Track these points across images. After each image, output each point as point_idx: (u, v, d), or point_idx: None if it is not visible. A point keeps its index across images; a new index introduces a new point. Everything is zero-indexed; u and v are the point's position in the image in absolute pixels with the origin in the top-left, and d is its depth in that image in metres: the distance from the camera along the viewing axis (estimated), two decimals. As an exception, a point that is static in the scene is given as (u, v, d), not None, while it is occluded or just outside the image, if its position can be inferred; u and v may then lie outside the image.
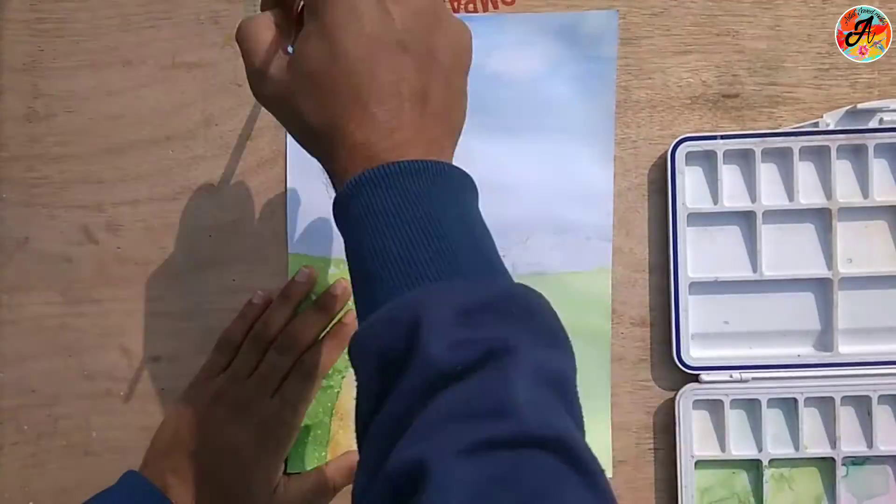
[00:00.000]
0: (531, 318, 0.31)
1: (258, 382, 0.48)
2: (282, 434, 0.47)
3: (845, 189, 0.49)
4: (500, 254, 0.49)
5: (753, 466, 0.50)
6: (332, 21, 0.34)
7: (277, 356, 0.48)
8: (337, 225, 0.35)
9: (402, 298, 0.30)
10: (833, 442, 0.49)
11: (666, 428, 0.50)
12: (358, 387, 0.31)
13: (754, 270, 0.49)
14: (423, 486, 0.25)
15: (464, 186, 0.35)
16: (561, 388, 0.29)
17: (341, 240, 0.49)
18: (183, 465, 0.47)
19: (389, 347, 0.30)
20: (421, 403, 0.28)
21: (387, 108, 0.34)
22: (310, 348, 0.49)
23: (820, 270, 0.49)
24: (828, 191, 0.49)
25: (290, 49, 0.37)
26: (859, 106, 0.49)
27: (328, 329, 0.50)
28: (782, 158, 0.49)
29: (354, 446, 0.50)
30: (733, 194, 0.50)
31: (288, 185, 0.50)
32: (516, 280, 0.33)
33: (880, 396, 0.49)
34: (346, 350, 0.50)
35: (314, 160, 0.50)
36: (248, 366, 0.48)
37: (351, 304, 0.50)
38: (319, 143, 0.36)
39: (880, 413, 0.49)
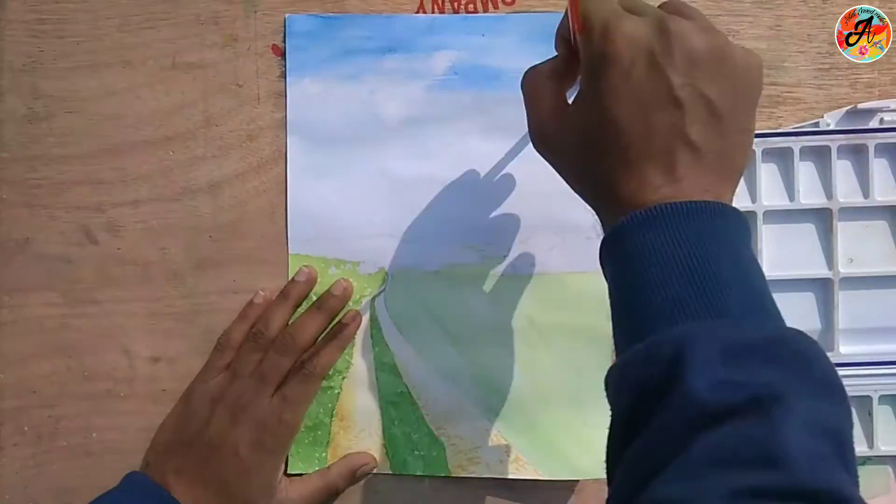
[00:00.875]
0: (803, 364, 0.29)
1: (258, 382, 0.48)
2: (282, 434, 0.47)
3: (846, 189, 0.49)
4: (501, 254, 0.50)
5: (754, 467, 0.50)
6: (606, 85, 0.33)
7: (277, 356, 0.48)
8: (603, 268, 0.35)
9: (666, 333, 0.30)
10: (834, 442, 0.49)
11: (666, 428, 0.50)
12: (612, 418, 0.31)
13: (755, 270, 0.49)
14: None
15: (738, 226, 0.34)
16: (835, 440, 0.28)
17: (341, 240, 0.50)
18: (183, 466, 0.47)
19: (649, 380, 0.29)
20: (680, 441, 0.27)
21: (655, 166, 0.33)
22: (310, 348, 0.49)
23: (820, 270, 0.49)
24: (828, 191, 0.49)
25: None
26: (860, 106, 0.49)
27: (328, 329, 0.50)
28: (782, 158, 0.49)
29: (354, 447, 0.50)
30: (734, 194, 0.50)
31: (288, 185, 0.50)
32: (517, 279, 0.33)
33: (881, 397, 0.49)
34: (345, 350, 0.50)
35: (314, 160, 0.50)
36: (248, 366, 0.48)
37: (351, 304, 0.50)
38: (589, 195, 0.36)
39: (881, 413, 0.49)
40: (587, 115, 0.35)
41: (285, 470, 0.49)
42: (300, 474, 0.50)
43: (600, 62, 0.34)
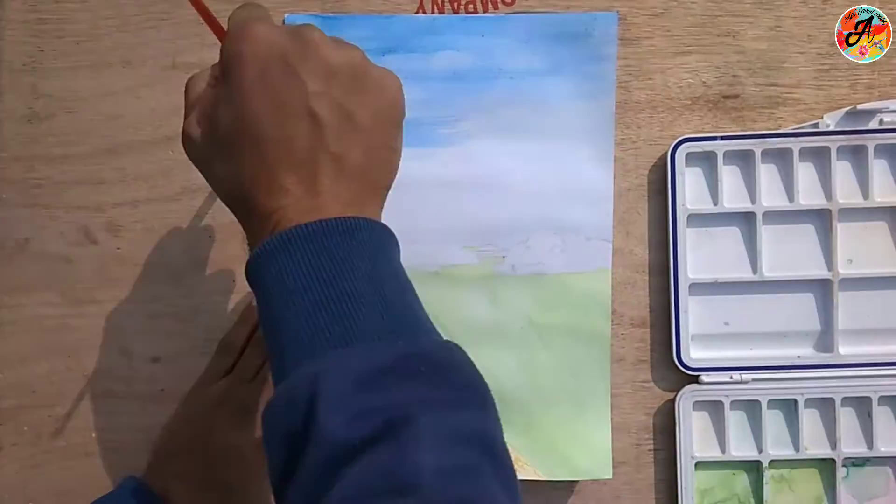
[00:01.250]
0: (441, 376, 0.29)
1: (261, 386, 0.47)
2: None
3: (845, 190, 0.49)
4: (501, 255, 0.50)
5: (754, 468, 0.50)
6: (241, 86, 0.33)
7: (252, 350, 0.48)
8: (252, 288, 0.34)
9: (302, 371, 0.29)
10: (833, 443, 0.49)
11: (666, 429, 0.50)
12: (267, 461, 0.30)
13: (754, 271, 0.49)
14: None
15: (379, 241, 0.33)
16: (479, 445, 0.28)
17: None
18: (186, 470, 0.46)
19: (292, 425, 0.28)
20: (325, 484, 0.27)
21: (296, 176, 0.33)
22: None
23: (820, 271, 0.49)
24: (828, 192, 0.49)
25: None
26: (859, 107, 0.49)
27: None
28: (782, 159, 0.49)
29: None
30: (733, 195, 0.50)
31: (288, 186, 0.50)
32: (516, 279, 0.33)
33: (881, 398, 0.49)
34: None
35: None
36: (251, 370, 0.48)
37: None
38: (234, 209, 0.35)
39: (880, 414, 0.49)
40: (224, 118, 0.33)
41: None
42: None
43: (235, 61, 0.33)
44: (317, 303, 0.30)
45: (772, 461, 0.49)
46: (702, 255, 0.50)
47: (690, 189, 0.49)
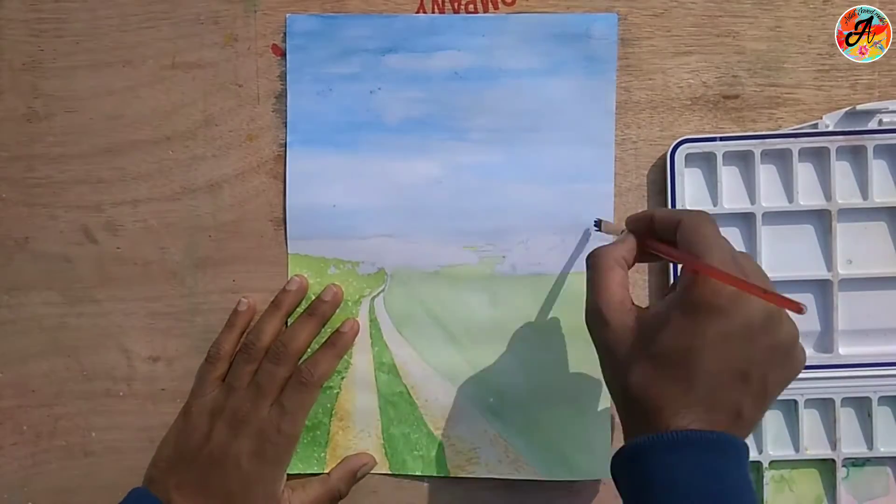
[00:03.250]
0: None
1: (255, 393, 0.48)
2: (282, 444, 0.47)
3: (845, 190, 0.49)
4: (501, 255, 0.50)
5: (754, 468, 0.50)
6: (704, 332, 0.35)
7: (272, 366, 0.48)
8: (615, 480, 0.37)
9: None
10: (833, 443, 0.49)
11: (665, 429, 0.50)
12: None
13: (754, 271, 0.49)
14: None
15: (747, 458, 0.36)
16: None
17: (341, 240, 0.50)
18: (186, 481, 0.47)
19: None
20: None
21: (703, 415, 0.35)
22: (308, 357, 0.49)
23: (819, 272, 0.49)
24: (827, 192, 0.49)
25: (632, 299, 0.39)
26: (858, 107, 0.49)
27: (327, 338, 0.50)
28: (781, 160, 0.49)
29: (353, 447, 0.50)
30: (733, 196, 0.50)
31: (288, 185, 0.50)
32: (516, 279, 0.33)
33: (880, 398, 0.49)
34: (343, 354, 0.50)
35: (314, 160, 0.50)
36: (243, 377, 0.48)
37: (351, 304, 0.50)
38: (629, 406, 0.37)
39: (880, 414, 0.49)
40: (672, 340, 0.36)
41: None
42: (299, 474, 0.50)
43: (708, 308, 0.35)
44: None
45: (772, 461, 0.49)
46: (702, 256, 0.50)
47: (690, 190, 0.49)
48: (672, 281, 0.48)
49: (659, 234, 0.40)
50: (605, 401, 0.50)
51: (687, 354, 0.36)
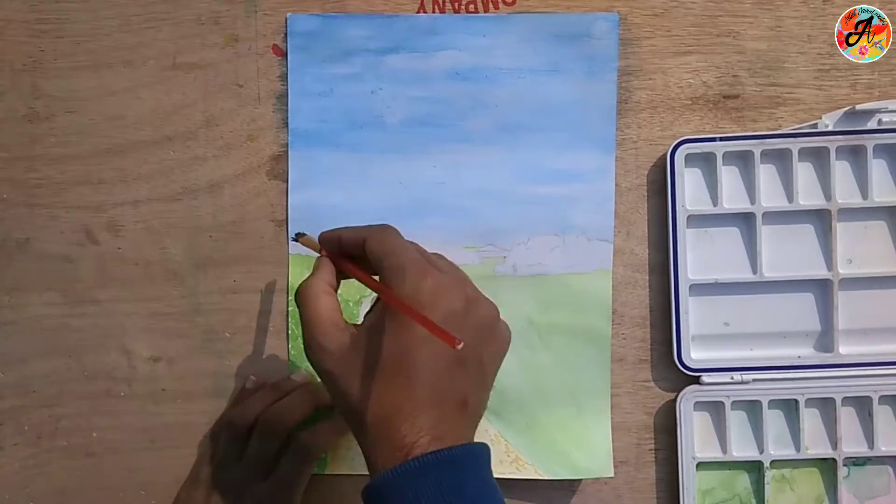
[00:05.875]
0: None
1: (248, 468, 0.47)
2: None
3: (844, 190, 0.49)
4: (502, 255, 0.50)
5: (755, 468, 0.50)
6: (414, 329, 0.36)
7: (261, 441, 0.47)
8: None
9: None
10: (834, 443, 0.49)
11: (666, 429, 0.50)
12: None
13: (754, 272, 0.49)
14: None
15: (484, 461, 0.37)
16: None
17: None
18: None
19: None
20: None
21: (435, 413, 0.36)
22: (306, 428, 0.48)
23: (820, 271, 0.49)
24: (827, 192, 0.49)
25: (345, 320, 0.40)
26: (858, 107, 0.49)
27: (331, 416, 0.49)
28: (781, 160, 0.49)
29: (355, 448, 0.50)
30: (733, 196, 0.50)
31: (288, 186, 0.50)
32: (517, 279, 0.34)
33: (881, 397, 0.49)
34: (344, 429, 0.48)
35: (315, 160, 0.50)
36: (264, 464, 0.47)
37: (352, 304, 0.50)
38: (363, 429, 0.37)
39: (881, 414, 0.49)
40: (386, 347, 0.37)
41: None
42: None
43: (411, 303, 0.36)
44: None
45: (773, 461, 0.49)
46: (702, 256, 0.50)
47: (690, 190, 0.50)
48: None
49: (350, 252, 0.41)
50: (606, 401, 0.50)
51: (402, 357, 0.36)
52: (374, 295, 0.49)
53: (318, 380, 0.40)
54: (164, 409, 0.51)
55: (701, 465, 0.49)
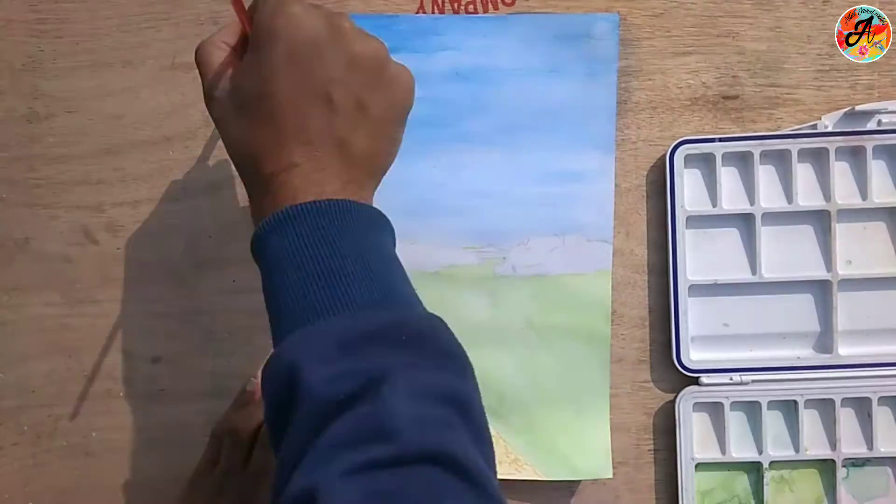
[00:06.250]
0: (422, 344, 0.32)
1: (254, 476, 0.46)
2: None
3: (844, 191, 0.49)
4: (501, 255, 0.50)
5: (754, 468, 0.50)
6: (269, 60, 0.35)
7: (265, 451, 0.46)
8: (255, 262, 0.36)
9: (290, 338, 0.32)
10: (833, 444, 0.49)
11: (666, 429, 0.50)
12: (265, 423, 0.33)
13: (753, 273, 0.49)
14: None
15: (373, 224, 0.36)
16: (453, 404, 0.30)
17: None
18: None
19: (280, 387, 0.31)
20: (312, 437, 0.29)
21: (303, 151, 0.35)
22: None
23: (819, 272, 0.49)
24: (826, 193, 0.49)
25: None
26: (857, 108, 0.49)
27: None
28: (781, 160, 0.49)
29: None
30: (732, 196, 0.50)
31: (288, 186, 0.50)
32: (517, 280, 0.33)
33: (880, 398, 0.49)
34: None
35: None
36: (238, 459, 0.46)
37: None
38: (242, 169, 0.37)
39: (880, 415, 0.49)
40: (249, 87, 0.36)
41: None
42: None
43: (267, 35, 0.35)
44: (309, 277, 0.33)
45: (772, 462, 0.49)
46: (701, 257, 0.50)
47: (689, 191, 0.50)
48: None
49: None
50: (605, 401, 0.50)
51: (264, 91, 0.35)
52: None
53: None
54: (164, 409, 0.51)
55: (700, 466, 0.49)
